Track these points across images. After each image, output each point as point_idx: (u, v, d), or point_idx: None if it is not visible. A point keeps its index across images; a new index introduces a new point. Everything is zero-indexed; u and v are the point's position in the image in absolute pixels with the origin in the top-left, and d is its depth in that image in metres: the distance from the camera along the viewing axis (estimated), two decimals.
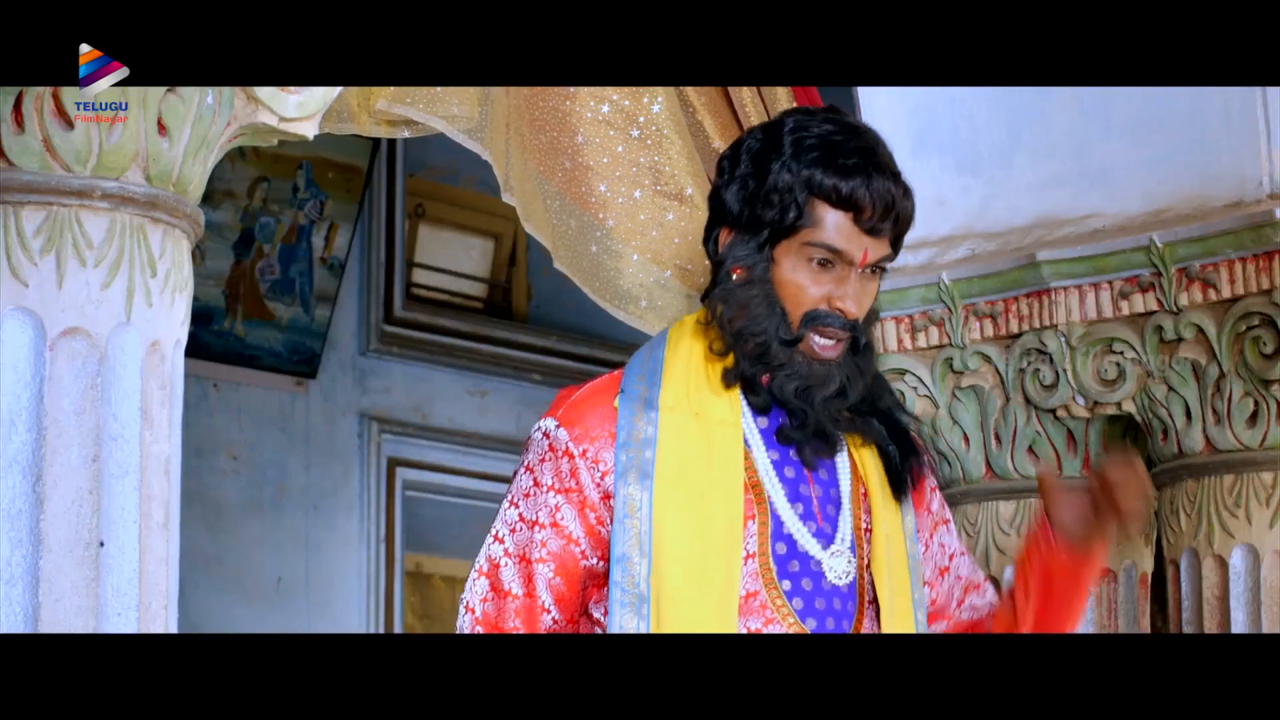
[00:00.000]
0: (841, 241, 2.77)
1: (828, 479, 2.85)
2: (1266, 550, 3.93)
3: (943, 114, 4.32)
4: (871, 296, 2.83)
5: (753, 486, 2.79)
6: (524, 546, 2.80)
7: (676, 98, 4.13)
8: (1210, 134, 4.03)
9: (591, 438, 2.80)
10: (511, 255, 8.61)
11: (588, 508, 2.79)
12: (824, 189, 2.76)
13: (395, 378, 8.11)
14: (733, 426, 2.80)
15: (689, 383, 2.82)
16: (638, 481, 2.76)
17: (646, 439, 2.78)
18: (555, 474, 2.80)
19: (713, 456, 2.78)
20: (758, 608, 2.76)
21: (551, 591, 2.79)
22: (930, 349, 4.32)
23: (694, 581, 2.74)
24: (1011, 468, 4.28)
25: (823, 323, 2.78)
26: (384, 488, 8.01)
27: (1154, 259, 4.01)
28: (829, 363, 2.80)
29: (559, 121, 4.07)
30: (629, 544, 2.75)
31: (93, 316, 2.98)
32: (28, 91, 2.94)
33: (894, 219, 2.78)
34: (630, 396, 2.81)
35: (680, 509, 2.76)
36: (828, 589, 2.79)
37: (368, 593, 7.89)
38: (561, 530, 2.79)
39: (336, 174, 7.71)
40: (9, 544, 2.90)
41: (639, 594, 2.74)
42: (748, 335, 2.81)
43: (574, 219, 4.13)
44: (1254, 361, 3.93)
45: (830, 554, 2.81)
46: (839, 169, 2.76)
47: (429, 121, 3.81)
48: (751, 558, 2.77)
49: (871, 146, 2.79)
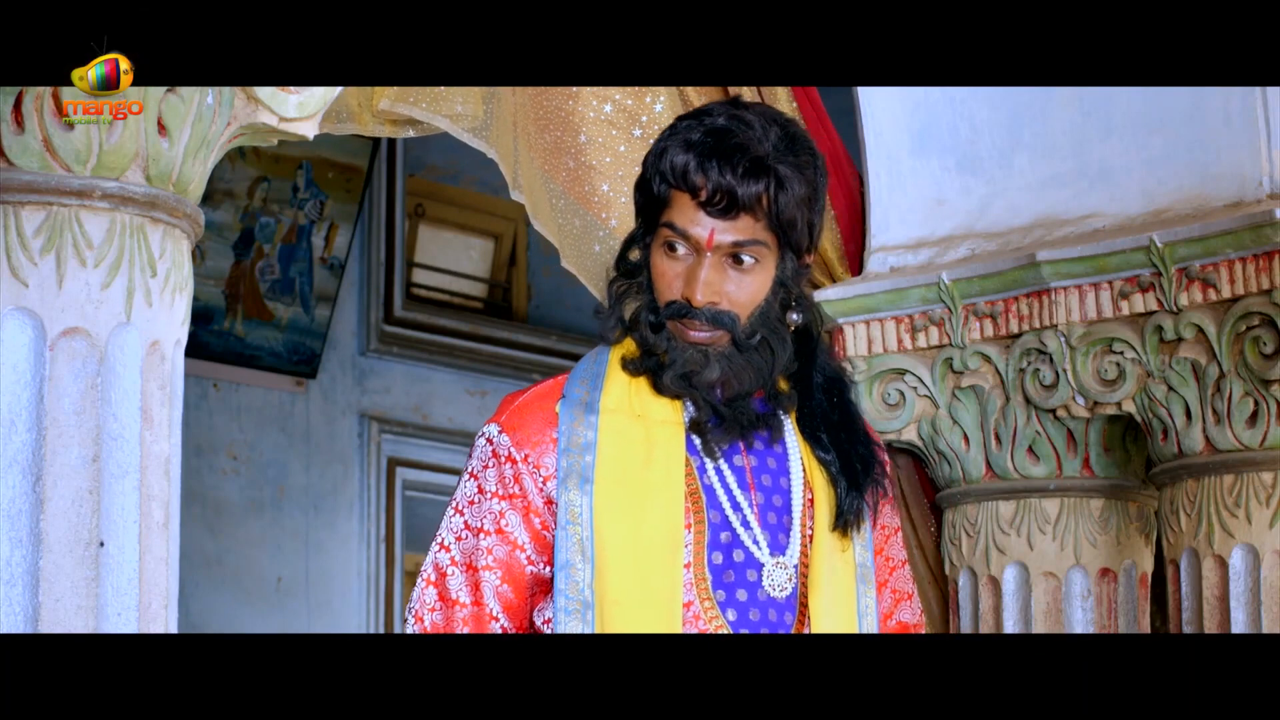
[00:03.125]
0: (685, 221, 2.74)
1: (771, 485, 2.82)
2: (1266, 550, 3.93)
3: (943, 114, 4.32)
4: (748, 289, 2.76)
5: (690, 494, 2.77)
6: (470, 554, 2.78)
7: (678, 97, 4.14)
8: (1210, 134, 4.02)
9: (534, 443, 2.78)
10: (511, 255, 8.61)
11: (532, 513, 2.77)
12: (665, 170, 2.75)
13: (395, 378, 8.11)
14: (675, 425, 2.78)
15: (632, 384, 2.80)
16: (578, 487, 2.75)
17: (586, 444, 2.76)
18: (499, 480, 2.78)
19: (653, 458, 2.76)
20: (691, 618, 2.73)
21: (499, 599, 2.77)
22: (930, 349, 4.32)
23: (636, 587, 2.72)
24: (1011, 468, 4.28)
25: (675, 315, 2.76)
26: (384, 488, 8.01)
27: (1154, 259, 4.01)
28: (703, 348, 2.76)
29: (562, 121, 4.08)
30: (572, 550, 2.73)
31: (93, 316, 2.97)
32: (28, 91, 2.94)
33: (743, 203, 2.71)
34: (571, 401, 2.79)
35: (621, 512, 2.74)
36: (763, 600, 2.76)
37: (368, 593, 7.90)
38: (507, 537, 2.77)
39: (336, 174, 7.71)
40: (9, 544, 2.90)
41: (583, 600, 2.72)
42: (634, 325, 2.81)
43: (578, 218, 4.13)
44: (1254, 361, 3.93)
45: (775, 563, 2.78)
46: (683, 149, 2.74)
47: (433, 120, 3.81)
48: (687, 567, 2.75)
49: (727, 130, 2.74)
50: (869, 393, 4.35)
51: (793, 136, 2.78)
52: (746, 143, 2.73)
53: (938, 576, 4.42)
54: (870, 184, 4.40)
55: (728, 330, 2.75)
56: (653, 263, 2.79)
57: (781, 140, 2.75)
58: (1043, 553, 4.26)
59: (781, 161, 2.73)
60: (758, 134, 2.74)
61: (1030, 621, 4.25)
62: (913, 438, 4.35)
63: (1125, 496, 4.30)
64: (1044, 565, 4.26)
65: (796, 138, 2.78)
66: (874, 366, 4.35)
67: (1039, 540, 4.27)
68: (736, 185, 2.71)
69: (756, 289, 2.77)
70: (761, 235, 2.75)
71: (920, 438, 4.35)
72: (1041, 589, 4.25)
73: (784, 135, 2.76)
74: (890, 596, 2.94)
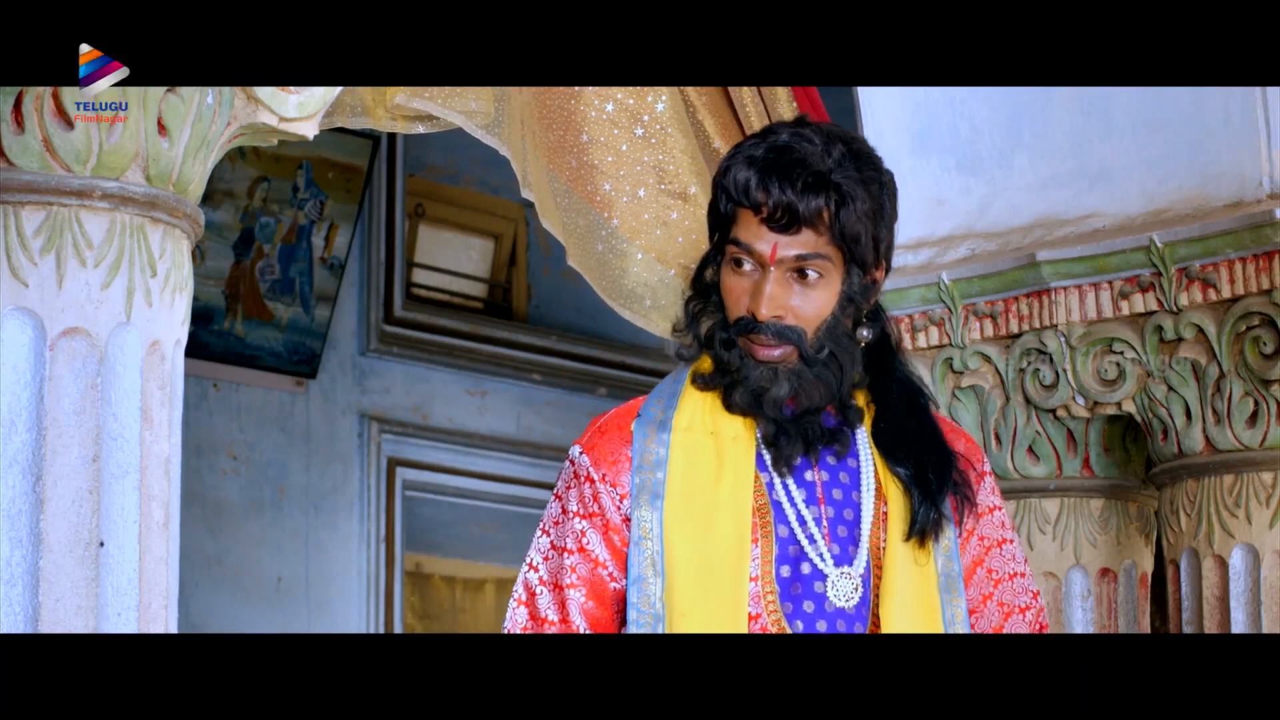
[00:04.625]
0: (749, 236, 2.77)
1: (842, 499, 2.84)
2: (1266, 550, 3.93)
3: (943, 114, 4.32)
4: (813, 303, 2.78)
5: (759, 509, 2.80)
6: (556, 573, 2.83)
7: (680, 97, 4.14)
8: (1210, 134, 4.02)
9: (610, 462, 2.83)
10: (511, 255, 8.60)
11: (611, 530, 2.82)
12: (729, 187, 2.79)
13: (395, 378, 8.11)
14: (746, 442, 2.81)
15: (707, 401, 2.84)
16: (649, 503, 2.79)
17: (658, 460, 2.81)
18: (580, 500, 2.84)
19: (723, 474, 2.80)
20: (758, 630, 2.76)
21: (585, 616, 2.82)
22: (930, 349, 4.32)
23: (703, 600, 2.75)
24: (1011, 468, 4.28)
25: (743, 330, 2.80)
26: (384, 488, 8.01)
27: (1154, 259, 4.01)
28: (773, 365, 2.79)
29: (565, 120, 4.08)
30: (644, 565, 2.78)
31: (93, 316, 2.97)
32: (28, 91, 2.94)
33: (804, 217, 2.74)
34: (646, 420, 2.84)
35: (689, 527, 2.78)
36: (831, 611, 2.78)
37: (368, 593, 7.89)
38: (589, 555, 2.82)
39: (336, 174, 7.71)
40: (9, 544, 2.90)
41: (655, 614, 2.77)
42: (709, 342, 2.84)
43: (582, 217, 4.13)
44: (1254, 361, 3.93)
45: (840, 574, 2.80)
46: (746, 166, 2.78)
47: (447, 116, 3.81)
48: (754, 580, 2.78)
49: (788, 146, 2.78)
50: None
51: (857, 153, 2.80)
52: (807, 158, 2.76)
53: None
54: None
55: (794, 345, 2.79)
56: (722, 280, 2.82)
57: (845, 156, 2.78)
58: (1043, 553, 4.26)
59: (843, 176, 2.76)
60: (819, 150, 2.77)
61: None
62: None
63: (1125, 496, 4.30)
64: (1044, 565, 4.26)
65: (861, 154, 2.81)
66: None
67: (1039, 540, 4.27)
68: (797, 200, 2.75)
69: (822, 303, 2.80)
70: (825, 249, 2.78)
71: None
72: (1041, 589, 4.25)
73: (847, 151, 2.79)
74: (998, 610, 2.93)
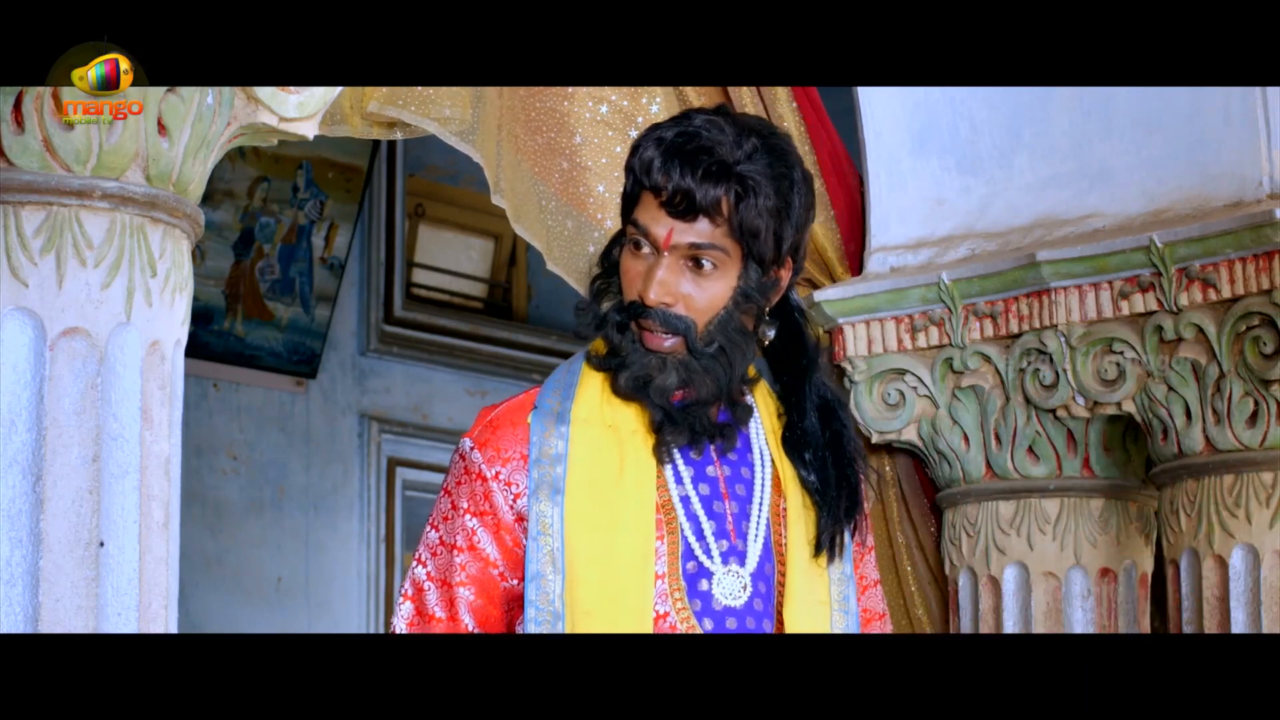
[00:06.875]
0: (647, 219, 2.71)
1: (745, 495, 2.79)
2: (1266, 550, 3.93)
3: (943, 114, 4.32)
4: (707, 293, 2.72)
5: (662, 505, 2.75)
6: (445, 570, 2.78)
7: (675, 98, 4.14)
8: (1210, 134, 4.02)
9: (504, 459, 2.77)
10: (511, 255, 8.61)
11: (503, 530, 2.76)
12: (635, 166, 2.74)
13: (395, 378, 8.11)
14: (644, 435, 2.76)
15: (603, 393, 2.78)
16: (549, 498, 2.73)
17: (557, 455, 2.75)
18: (470, 496, 2.79)
19: (625, 469, 2.74)
20: (667, 629, 2.72)
21: (474, 614, 2.76)
22: (930, 349, 4.32)
23: (607, 599, 2.70)
24: (1011, 468, 4.28)
25: (633, 314, 2.74)
26: (384, 488, 8.01)
27: (1154, 259, 4.01)
28: (662, 354, 2.73)
29: (557, 122, 4.08)
30: (543, 561, 2.72)
31: (93, 316, 2.97)
32: (28, 91, 2.94)
33: (701, 205, 2.68)
34: (543, 412, 2.78)
35: (592, 524, 2.72)
36: (719, 610, 2.73)
37: (368, 593, 7.90)
38: (479, 553, 2.77)
39: (336, 174, 7.71)
40: (9, 544, 2.90)
41: (554, 611, 2.71)
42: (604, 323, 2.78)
43: (570, 220, 4.13)
44: (1254, 361, 3.93)
45: (727, 571, 2.75)
46: (654, 147, 2.72)
47: (420, 124, 3.81)
48: (661, 578, 2.73)
49: (697, 133, 2.71)
50: (869, 393, 4.35)
51: (771, 148, 2.73)
52: (714, 146, 2.70)
53: (938, 576, 4.42)
54: (870, 184, 4.40)
55: (682, 335, 2.73)
56: (621, 261, 2.77)
57: (757, 149, 2.72)
58: (1043, 553, 4.26)
59: (750, 169, 2.70)
60: (729, 140, 2.71)
61: (1030, 622, 4.25)
62: (913, 438, 4.35)
63: (1125, 496, 4.30)
64: (1044, 565, 4.26)
65: (776, 150, 2.74)
66: (874, 366, 4.35)
67: (1039, 540, 4.27)
68: (696, 187, 2.69)
69: (715, 295, 2.74)
70: (721, 241, 2.72)
71: (920, 438, 4.35)
72: (1041, 589, 4.25)
73: (762, 145, 2.73)
74: (860, 616, 2.90)
